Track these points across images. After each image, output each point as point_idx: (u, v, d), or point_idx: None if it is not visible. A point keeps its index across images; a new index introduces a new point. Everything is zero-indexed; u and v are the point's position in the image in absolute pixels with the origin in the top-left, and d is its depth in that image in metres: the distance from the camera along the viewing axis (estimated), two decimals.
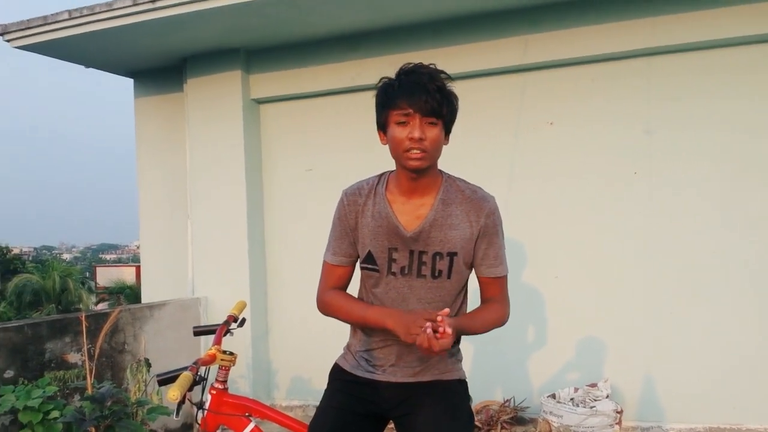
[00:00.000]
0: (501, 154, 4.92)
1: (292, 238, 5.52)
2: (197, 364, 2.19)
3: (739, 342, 4.32)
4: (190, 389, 2.10)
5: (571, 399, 4.45)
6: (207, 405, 2.32)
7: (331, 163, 5.38)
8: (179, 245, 5.83)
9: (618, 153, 4.63)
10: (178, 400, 2.00)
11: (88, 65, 5.94)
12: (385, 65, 2.01)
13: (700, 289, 4.42)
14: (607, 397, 4.41)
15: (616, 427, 4.31)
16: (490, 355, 4.83)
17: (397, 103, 1.87)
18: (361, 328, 2.08)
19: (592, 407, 4.30)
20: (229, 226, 5.47)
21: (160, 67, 5.92)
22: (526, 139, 4.86)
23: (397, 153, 1.91)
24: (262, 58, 5.48)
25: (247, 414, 2.35)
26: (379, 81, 1.98)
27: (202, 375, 2.23)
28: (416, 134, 1.85)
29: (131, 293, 24.69)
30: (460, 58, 4.83)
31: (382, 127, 1.97)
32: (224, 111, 5.52)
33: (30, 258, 51.44)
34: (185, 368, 2.15)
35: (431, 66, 1.95)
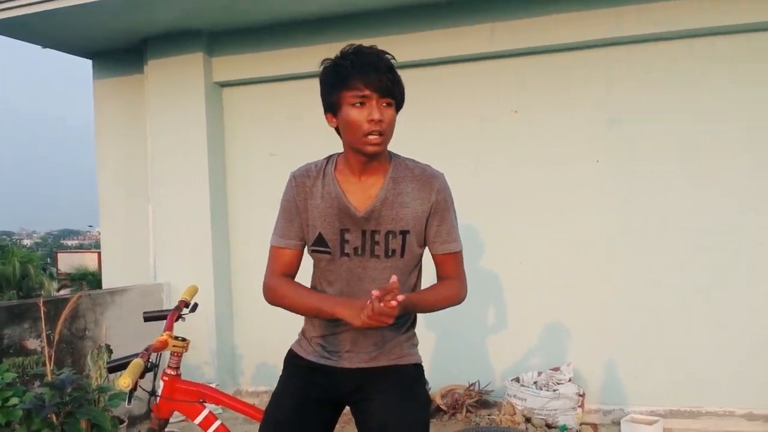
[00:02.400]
0: (467, 141, 4.93)
1: (256, 223, 5.45)
2: (148, 350, 2.15)
3: (699, 325, 4.42)
4: (142, 376, 2.05)
5: (535, 382, 4.51)
6: (159, 391, 2.28)
7: (294, 148, 5.32)
8: (140, 230, 5.73)
9: (581, 141, 4.68)
10: (129, 387, 1.96)
11: (45, 45, 5.77)
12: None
13: (661, 274, 4.50)
14: (570, 380, 4.48)
15: (579, 410, 4.38)
16: (455, 339, 4.87)
17: (352, 83, 1.83)
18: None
19: (555, 390, 4.37)
20: (192, 210, 5.40)
21: (119, 48, 5.79)
22: (492, 127, 4.88)
23: (355, 136, 1.86)
24: (225, 40, 5.39)
25: (201, 400, 2.31)
26: (322, 62, 1.94)
27: (154, 361, 2.19)
28: (376, 115, 1.82)
29: (93, 279, 24.29)
30: (427, 44, 4.82)
31: (332, 108, 1.91)
32: (186, 94, 5.42)
33: None
34: (134, 355, 2.10)
35: (373, 47, 1.91)
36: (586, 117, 4.67)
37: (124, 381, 1.94)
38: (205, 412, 2.29)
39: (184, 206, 5.42)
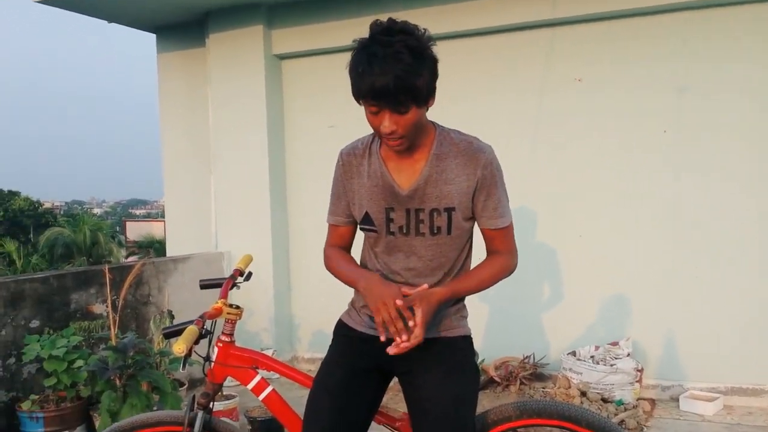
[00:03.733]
0: (526, 113, 4.83)
1: (313, 195, 5.50)
2: (203, 317, 2.20)
3: (764, 304, 4.26)
4: (197, 342, 2.11)
5: (592, 357, 4.45)
6: (214, 357, 2.34)
7: (353, 120, 5.21)
8: (203, 200, 5.88)
9: (649, 112, 4.53)
10: (183, 353, 2.02)
11: (110, 20, 5.93)
12: (409, 19, 1.92)
13: (726, 250, 4.35)
14: (628, 355, 4.40)
15: (637, 385, 4.31)
16: (511, 312, 4.84)
17: (365, 98, 1.78)
18: None
19: (612, 365, 4.30)
20: (252, 182, 5.49)
21: (182, 22, 5.88)
22: (552, 97, 4.77)
23: (376, 132, 1.86)
24: (284, 12, 5.41)
25: (254, 366, 2.36)
26: (352, 42, 1.87)
27: (208, 328, 2.25)
28: (386, 129, 1.78)
29: (160, 247, 25.04)
30: (487, 12, 4.71)
31: (356, 99, 1.85)
32: (246, 67, 5.49)
33: (61, 212, 52.38)
34: (189, 322, 2.16)
35: (398, 40, 1.76)
36: (655, 87, 4.50)
37: (178, 347, 2.00)
38: (257, 378, 2.33)
39: (245, 177, 5.52)
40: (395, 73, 1.71)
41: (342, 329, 2.14)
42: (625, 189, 4.60)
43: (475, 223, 2.01)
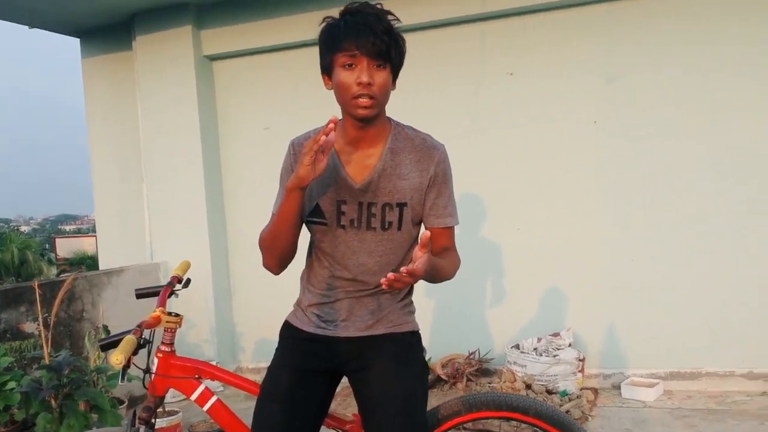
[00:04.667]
0: (462, 105, 4.88)
1: (252, 198, 5.42)
2: (141, 327, 2.12)
3: (698, 288, 4.40)
4: (135, 353, 2.02)
5: (535, 349, 4.51)
6: (154, 368, 2.25)
7: (288, 121, 5.26)
8: (135, 210, 5.71)
9: (578, 102, 4.62)
10: (121, 364, 1.93)
11: (31, 25, 5.69)
12: None
13: (661, 236, 4.47)
14: (570, 345, 4.48)
15: (579, 374, 4.39)
16: (454, 308, 4.86)
17: (343, 45, 1.78)
18: (308, 281, 2.03)
19: (555, 356, 4.37)
20: (186, 188, 5.36)
21: (107, 25, 5.70)
22: (487, 90, 4.82)
23: (344, 99, 1.82)
24: (214, 12, 5.30)
25: (197, 376, 2.28)
26: (322, 21, 1.88)
27: (147, 338, 2.16)
28: (364, 78, 1.76)
29: (92, 263, 24.28)
30: (418, 8, 4.73)
31: (327, 70, 1.87)
32: (176, 69, 5.35)
33: None
34: (126, 332, 2.07)
35: (378, 6, 1.86)
36: (584, 77, 4.60)
37: (116, 358, 1.91)
38: (201, 388, 2.25)
39: (179, 184, 5.38)
40: (382, 24, 1.80)
41: (288, 330, 2.09)
42: (559, 180, 4.68)
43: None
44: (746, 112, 4.29)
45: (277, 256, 1.95)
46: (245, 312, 5.52)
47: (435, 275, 1.88)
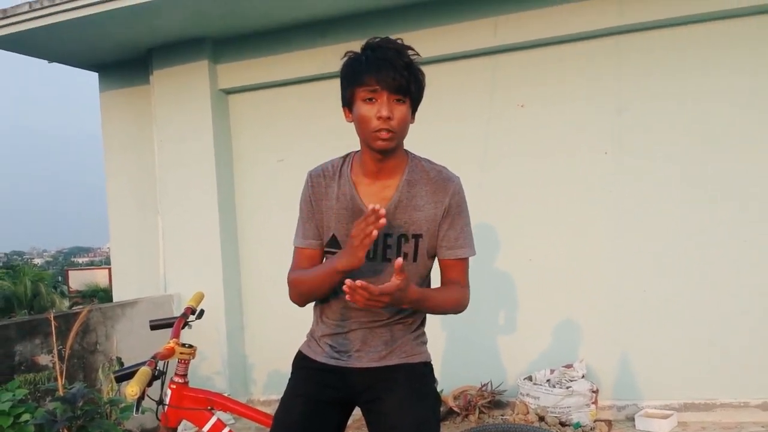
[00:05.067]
0: (473, 137, 4.92)
1: (266, 231, 5.46)
2: (155, 358, 2.14)
3: (712, 319, 4.37)
4: (150, 384, 2.04)
5: (548, 380, 4.48)
6: (167, 400, 2.27)
7: (302, 153, 5.32)
8: (150, 242, 5.75)
9: (589, 133, 4.66)
10: (136, 396, 1.94)
11: (51, 60, 5.82)
12: (355, 48, 1.98)
13: (674, 267, 4.46)
14: (583, 377, 4.44)
15: (593, 406, 4.35)
16: (466, 340, 4.84)
17: (364, 79, 1.82)
18: (322, 312, 2.05)
19: (568, 387, 4.33)
20: (201, 220, 5.40)
21: (125, 59, 5.82)
22: (498, 122, 4.87)
23: (365, 133, 1.86)
24: (229, 47, 5.41)
25: (209, 407, 2.29)
26: (345, 55, 1.92)
27: (161, 369, 2.17)
28: (384, 112, 1.80)
29: (105, 296, 24.32)
30: (430, 42, 4.80)
31: (348, 103, 1.91)
32: (192, 102, 5.44)
33: (0, 264, 50.47)
34: (141, 364, 2.09)
35: (398, 41, 1.90)
36: (594, 108, 4.65)
37: (131, 389, 1.93)
38: (213, 420, 2.27)
39: (194, 216, 5.43)
40: (402, 59, 1.85)
41: (301, 361, 2.10)
42: (571, 210, 4.69)
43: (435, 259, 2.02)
44: (753, 142, 4.31)
45: (310, 300, 2.03)
46: (257, 344, 5.51)
47: (424, 305, 1.91)
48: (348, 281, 1.68)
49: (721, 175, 4.38)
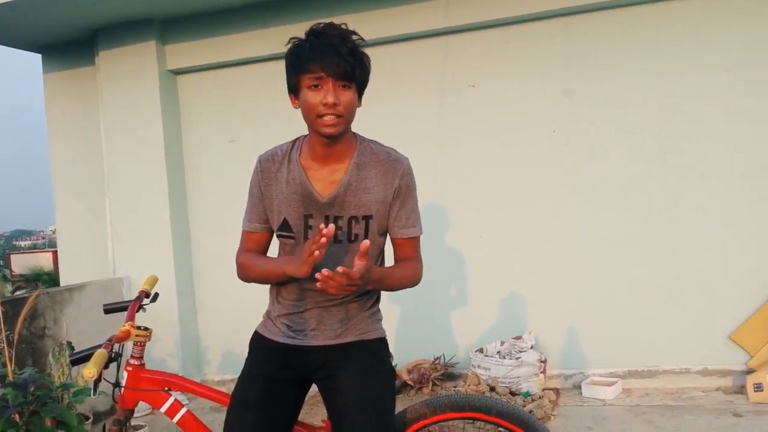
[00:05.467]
0: (426, 117, 4.98)
1: (217, 212, 5.43)
2: (111, 340, 2.15)
3: (652, 287, 4.56)
4: (106, 366, 2.05)
5: (498, 352, 4.61)
6: (124, 382, 2.28)
7: (254, 134, 5.30)
8: (98, 225, 5.66)
9: (538, 112, 4.76)
10: (94, 378, 1.96)
11: None
12: (304, 32, 1.99)
13: (620, 239, 4.62)
14: (532, 348, 4.59)
15: (541, 375, 4.50)
16: (419, 315, 4.94)
17: (309, 67, 1.84)
18: (278, 292, 2.10)
19: (517, 358, 4.47)
20: (150, 202, 5.34)
21: (69, 40, 5.66)
22: (450, 102, 4.93)
23: (311, 119, 1.88)
24: (178, 27, 5.32)
25: (166, 388, 2.31)
26: (288, 41, 1.94)
27: (117, 351, 2.19)
28: (330, 99, 1.83)
29: (49, 279, 23.66)
30: (382, 23, 4.84)
31: (294, 90, 1.93)
32: (140, 84, 5.34)
33: None
34: (96, 346, 2.10)
35: (342, 26, 1.92)
36: (543, 88, 4.74)
37: (89, 371, 1.94)
38: (170, 401, 2.28)
39: (142, 199, 5.36)
40: (346, 45, 1.86)
41: (258, 341, 2.14)
42: (520, 188, 4.81)
43: (386, 238, 2.07)
44: (697, 114, 4.48)
45: (253, 281, 2.09)
46: (210, 325, 5.51)
47: (384, 284, 1.98)
48: (324, 271, 1.71)
49: (666, 149, 4.53)
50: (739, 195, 4.41)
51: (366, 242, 1.75)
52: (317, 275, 1.73)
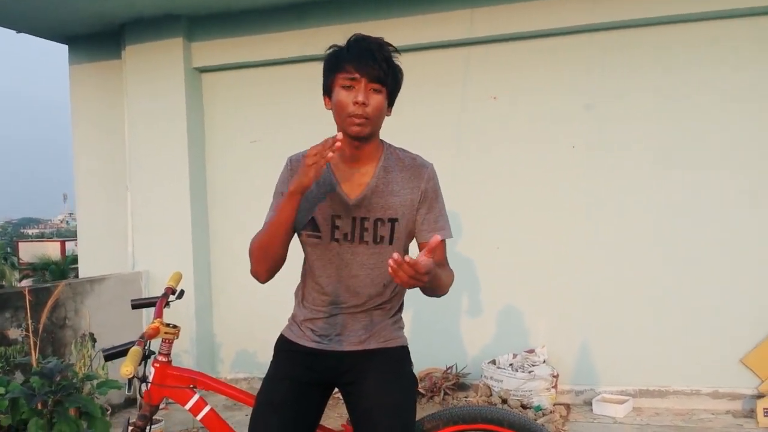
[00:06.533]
0: (446, 127, 5.02)
1: (236, 210, 5.48)
2: (143, 337, 2.18)
3: (668, 310, 4.57)
4: (139, 363, 2.09)
5: (510, 364, 4.64)
6: (150, 378, 2.32)
7: (276, 135, 5.35)
8: (118, 217, 5.71)
9: (558, 126, 4.79)
10: (131, 375, 1.99)
11: (18, 30, 5.69)
12: (332, 36, 2.05)
13: (636, 259, 4.64)
14: (544, 362, 4.61)
15: (553, 390, 4.52)
16: (433, 323, 4.96)
17: (345, 67, 1.91)
18: (303, 297, 2.11)
19: (530, 372, 4.49)
20: (171, 197, 5.39)
21: (96, 32, 5.73)
22: (471, 112, 4.97)
23: (341, 117, 1.94)
24: (205, 25, 5.38)
25: (191, 386, 2.34)
26: (329, 48, 2.01)
27: (151, 349, 2.23)
28: (360, 98, 1.89)
29: (56, 269, 23.79)
30: (407, 30, 4.88)
31: (328, 91, 2.00)
32: (165, 80, 5.40)
33: None
34: (130, 343, 2.13)
35: (380, 38, 2.00)
36: (564, 102, 4.78)
37: (126, 369, 1.97)
38: (195, 398, 2.32)
39: (164, 194, 5.41)
40: (383, 53, 1.94)
41: (284, 344, 2.16)
42: (537, 201, 4.84)
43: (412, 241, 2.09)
44: (716, 136, 4.50)
45: (266, 263, 2.01)
46: (225, 323, 5.55)
47: (434, 284, 1.95)
48: (395, 255, 1.64)
49: (686, 171, 4.56)
50: (755, 219, 4.44)
51: (437, 237, 1.70)
52: (390, 261, 1.64)
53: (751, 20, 4.42)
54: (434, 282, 1.91)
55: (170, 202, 5.39)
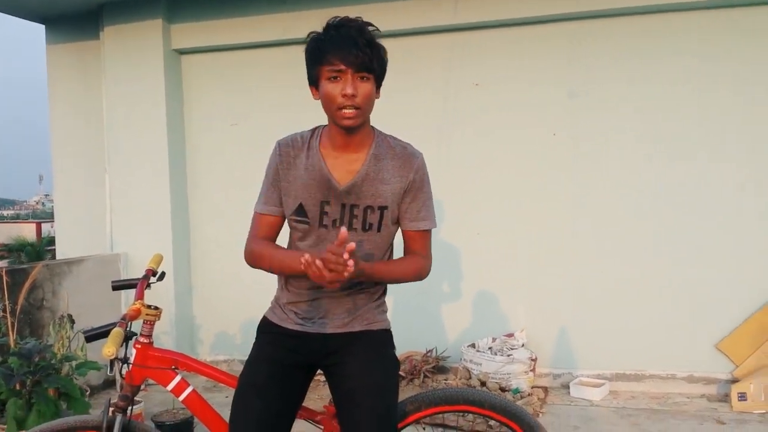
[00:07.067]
0: (428, 113, 5.02)
1: (216, 193, 5.45)
2: (125, 319, 2.18)
3: (644, 296, 4.65)
4: (121, 345, 2.09)
5: (490, 348, 4.69)
6: (132, 359, 2.31)
7: (257, 118, 5.32)
8: (96, 199, 5.65)
9: (541, 113, 4.82)
10: (113, 356, 1.99)
11: None
12: (314, 19, 2.02)
13: (613, 245, 4.70)
14: (523, 346, 4.67)
15: (531, 374, 4.58)
16: (413, 307, 5.00)
17: (328, 59, 1.88)
18: (286, 280, 2.12)
19: (509, 355, 4.55)
20: (150, 179, 5.35)
21: (74, 12, 5.63)
22: (454, 98, 4.97)
23: (331, 109, 1.92)
24: (185, 6, 5.31)
25: (173, 367, 2.35)
26: (308, 36, 1.98)
27: (133, 330, 2.23)
28: (349, 90, 1.87)
29: (32, 251, 23.54)
30: (390, 16, 4.86)
31: (314, 82, 1.97)
32: (144, 61, 5.33)
33: None
34: (112, 324, 2.13)
35: (358, 19, 1.96)
36: (546, 90, 4.80)
37: (108, 350, 1.97)
38: (177, 379, 2.32)
39: (143, 176, 5.36)
40: (364, 37, 1.90)
41: (267, 327, 2.17)
42: (516, 187, 4.88)
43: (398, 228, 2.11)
44: (694, 124, 4.56)
45: (267, 270, 2.07)
46: (205, 305, 5.53)
47: (381, 277, 2.00)
48: (306, 256, 1.72)
49: (665, 161, 4.61)
50: (732, 206, 4.51)
51: (343, 232, 1.72)
52: (300, 258, 1.75)
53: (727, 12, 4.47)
54: (375, 277, 1.96)
55: (149, 184, 5.34)
